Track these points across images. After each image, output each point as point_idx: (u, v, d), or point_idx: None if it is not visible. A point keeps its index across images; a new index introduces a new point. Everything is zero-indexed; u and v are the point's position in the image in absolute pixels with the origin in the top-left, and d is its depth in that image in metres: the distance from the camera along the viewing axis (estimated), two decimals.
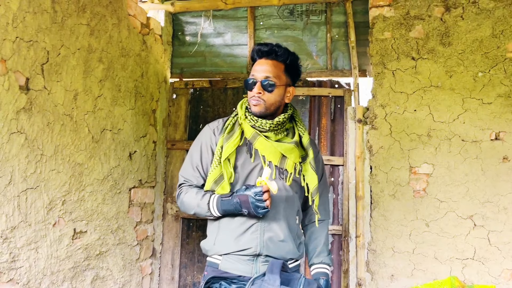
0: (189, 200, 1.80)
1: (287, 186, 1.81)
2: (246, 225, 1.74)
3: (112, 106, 2.91)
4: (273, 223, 1.76)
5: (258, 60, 1.81)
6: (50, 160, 2.30)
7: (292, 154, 1.80)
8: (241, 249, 1.72)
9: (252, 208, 1.64)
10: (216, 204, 1.73)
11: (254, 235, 1.73)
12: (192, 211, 1.80)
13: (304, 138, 1.87)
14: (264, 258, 1.73)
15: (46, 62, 2.30)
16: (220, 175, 1.75)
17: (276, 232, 1.76)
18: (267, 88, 1.75)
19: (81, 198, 2.55)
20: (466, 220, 2.94)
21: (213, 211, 1.73)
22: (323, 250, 1.96)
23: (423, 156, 3.05)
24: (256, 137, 1.78)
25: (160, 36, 3.67)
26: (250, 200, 1.64)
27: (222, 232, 1.77)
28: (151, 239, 3.44)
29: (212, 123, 1.91)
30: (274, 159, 1.79)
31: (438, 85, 3.05)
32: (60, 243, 2.36)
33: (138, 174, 3.22)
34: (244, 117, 1.81)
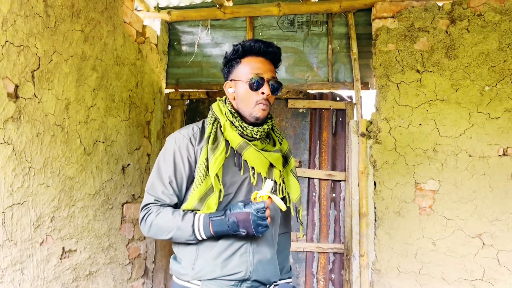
0: (163, 222, 1.49)
1: None
2: (234, 247, 1.50)
3: (106, 116, 2.77)
4: (262, 243, 1.56)
5: (257, 58, 1.59)
6: (38, 173, 2.14)
7: (279, 163, 1.65)
8: (228, 273, 1.49)
9: (253, 228, 1.41)
10: (204, 225, 1.46)
11: (243, 258, 1.51)
12: (167, 235, 1.50)
13: (284, 144, 1.74)
14: (250, 283, 1.52)
15: (37, 68, 2.15)
16: (205, 192, 1.50)
17: (265, 253, 1.56)
18: (276, 89, 1.59)
19: (71, 214, 2.38)
20: (474, 239, 2.83)
21: (198, 234, 1.46)
22: (287, 264, 1.81)
23: (429, 172, 2.94)
24: (245, 147, 1.56)
25: (155, 45, 3.54)
26: (252, 219, 1.40)
27: (202, 254, 1.51)
28: (143, 257, 3.26)
29: (184, 130, 1.61)
30: (263, 170, 1.60)
31: (443, 99, 2.97)
32: (47, 263, 2.18)
33: (131, 189, 3.06)
34: (231, 124, 1.59)
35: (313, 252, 3.28)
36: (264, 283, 1.56)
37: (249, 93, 1.56)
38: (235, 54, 1.61)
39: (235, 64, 1.62)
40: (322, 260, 3.27)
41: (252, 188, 1.57)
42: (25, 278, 2.03)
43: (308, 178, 3.34)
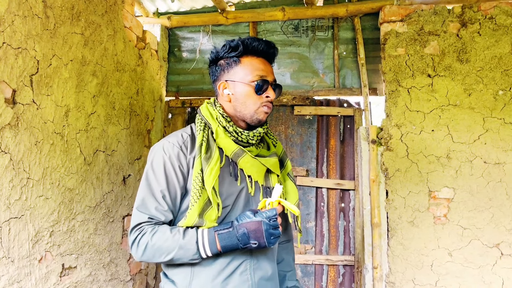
0: (161, 243, 1.32)
1: None
2: (233, 264, 1.38)
3: (106, 125, 2.63)
4: (262, 258, 1.44)
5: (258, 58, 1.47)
6: (37, 184, 1.99)
7: (276, 168, 1.54)
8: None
9: (265, 238, 1.28)
10: (209, 240, 1.31)
11: (244, 277, 1.38)
12: (166, 257, 1.33)
13: (278, 147, 1.64)
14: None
15: (36, 73, 2.01)
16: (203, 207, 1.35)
17: (266, 269, 1.44)
18: (279, 93, 1.52)
19: (71, 229, 2.23)
20: (492, 248, 2.72)
21: (203, 251, 1.31)
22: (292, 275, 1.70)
23: (443, 180, 2.84)
24: (240, 155, 1.43)
25: (156, 52, 3.42)
26: (264, 228, 1.28)
27: (199, 275, 1.37)
28: (144, 273, 3.10)
29: (173, 138, 1.43)
30: (259, 178, 1.47)
31: (456, 104, 2.88)
32: (46, 281, 2.02)
33: (132, 201, 2.90)
34: (224, 130, 1.45)
35: (322, 264, 3.14)
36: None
37: (252, 96, 1.43)
38: (232, 52, 1.45)
39: (232, 63, 1.46)
40: (331, 273, 3.14)
41: (250, 199, 1.44)
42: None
43: (316, 188, 3.21)
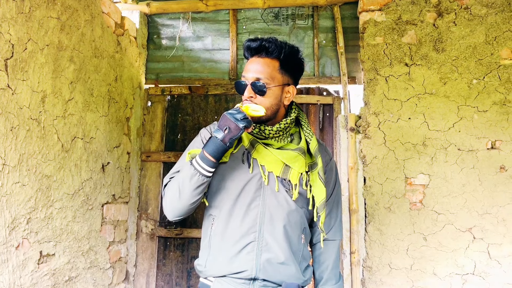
0: (172, 183, 1.51)
1: (290, 200, 1.53)
2: (241, 244, 1.47)
3: (84, 111, 2.60)
4: (272, 242, 1.48)
5: (249, 59, 1.55)
6: (13, 171, 1.96)
7: (296, 163, 1.54)
8: (235, 272, 1.46)
9: (231, 119, 1.39)
10: (199, 155, 1.44)
11: (249, 256, 1.46)
12: (176, 192, 1.47)
13: (312, 143, 1.60)
14: (261, 282, 1.46)
15: (11, 57, 1.97)
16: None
17: (276, 253, 1.48)
18: (259, 91, 1.50)
19: (48, 216, 2.21)
20: (465, 233, 2.81)
21: (196, 164, 1.43)
22: (330, 277, 1.66)
23: (419, 166, 2.91)
24: (254, 145, 1.54)
25: (135, 38, 3.38)
26: (227, 116, 1.40)
27: (213, 251, 1.51)
28: (124, 260, 3.09)
29: (209, 126, 1.67)
30: (275, 169, 1.52)
31: (432, 92, 2.95)
32: (24, 268, 2.00)
33: (111, 189, 2.89)
34: None
35: None
36: (280, 284, 1.48)
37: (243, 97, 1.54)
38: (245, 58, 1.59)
39: None
40: None
41: (263, 187, 1.50)
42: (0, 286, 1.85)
43: None
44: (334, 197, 1.72)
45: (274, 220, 1.49)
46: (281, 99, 1.55)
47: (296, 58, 1.58)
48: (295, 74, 1.60)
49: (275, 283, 1.47)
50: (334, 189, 1.73)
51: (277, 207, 1.49)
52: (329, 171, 1.69)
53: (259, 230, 1.47)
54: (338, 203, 1.75)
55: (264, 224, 1.48)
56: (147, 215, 3.33)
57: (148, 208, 3.35)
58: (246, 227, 1.48)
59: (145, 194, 3.38)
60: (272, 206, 1.50)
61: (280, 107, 1.56)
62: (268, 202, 1.50)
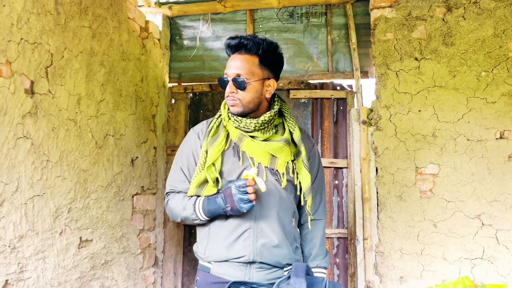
0: (175, 206, 1.68)
1: (280, 187, 1.68)
2: (237, 232, 1.62)
3: (114, 111, 2.84)
4: (266, 228, 1.64)
5: (231, 55, 1.67)
6: (55, 166, 2.22)
7: (282, 153, 1.67)
8: (233, 257, 1.62)
9: (235, 202, 1.52)
10: (202, 204, 1.61)
11: (246, 242, 1.62)
12: (179, 218, 1.68)
13: (295, 133, 1.72)
14: (258, 265, 1.63)
15: (50, 65, 2.22)
16: (204, 180, 1.63)
17: (270, 238, 1.64)
18: (239, 86, 1.61)
19: (86, 206, 2.47)
20: (473, 219, 2.93)
21: (198, 213, 1.61)
22: (318, 253, 1.83)
23: (429, 157, 3.04)
24: (242, 139, 1.65)
25: (158, 40, 3.61)
26: (233, 192, 1.52)
27: (212, 239, 1.67)
28: (153, 247, 3.36)
29: (197, 126, 1.78)
30: (263, 160, 1.66)
31: (442, 85, 3.06)
32: (66, 252, 2.27)
33: (140, 181, 3.14)
34: (228, 118, 1.68)
35: None
36: (275, 265, 1.64)
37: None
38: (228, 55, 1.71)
39: None
40: (327, 245, 3.38)
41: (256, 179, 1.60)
42: (47, 267, 2.12)
43: None
44: (318, 180, 1.86)
45: (267, 208, 1.64)
46: (262, 92, 1.65)
47: (274, 54, 1.68)
48: (274, 69, 1.71)
49: (270, 264, 1.63)
50: (318, 173, 1.86)
51: (269, 195, 1.64)
52: (312, 156, 1.83)
53: (254, 217, 1.62)
54: (322, 186, 1.89)
55: (258, 211, 1.63)
56: None
57: None
58: (242, 216, 1.61)
59: None
60: (265, 195, 1.63)
61: (262, 100, 1.67)
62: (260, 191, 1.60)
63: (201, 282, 1.66)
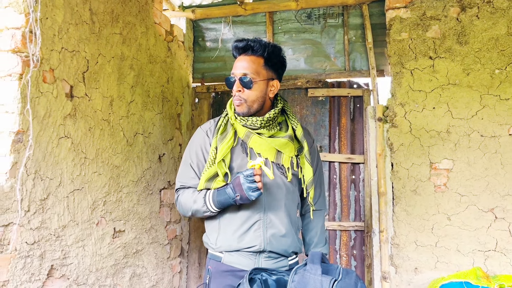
0: (185, 200, 1.78)
1: (285, 181, 1.81)
2: (248, 223, 1.74)
3: (143, 111, 3.04)
4: (274, 219, 1.77)
5: (237, 57, 1.79)
6: (92, 163, 2.43)
7: (286, 149, 1.81)
8: (245, 247, 1.73)
9: (244, 190, 1.62)
10: (212, 196, 1.71)
11: (257, 233, 1.74)
12: (189, 212, 1.78)
13: (298, 130, 1.86)
14: (267, 254, 1.76)
15: (86, 70, 2.43)
16: (214, 174, 1.74)
17: (278, 228, 1.77)
18: (246, 85, 1.72)
19: (119, 199, 2.68)
20: (487, 213, 3.03)
21: (209, 205, 1.71)
22: (319, 240, 2.00)
23: (443, 152, 3.14)
24: (249, 136, 1.78)
25: (182, 43, 3.80)
26: (242, 181, 1.62)
27: (223, 232, 1.77)
28: (179, 238, 3.56)
29: (204, 125, 1.91)
30: (270, 155, 1.79)
31: (456, 83, 3.15)
32: (102, 241, 2.49)
33: (167, 176, 3.34)
34: (235, 117, 1.81)
35: (336, 230, 3.53)
36: (282, 254, 1.79)
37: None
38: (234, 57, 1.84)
39: None
40: (344, 238, 3.52)
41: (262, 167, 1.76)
42: (86, 254, 2.34)
43: (329, 162, 3.57)
44: (318, 174, 2.01)
45: (275, 200, 1.78)
46: (266, 92, 1.79)
47: (279, 56, 1.81)
48: (278, 70, 1.84)
49: (278, 253, 1.78)
50: (317, 166, 2.02)
51: (277, 188, 1.78)
52: (313, 152, 1.98)
53: (263, 210, 1.76)
54: (321, 179, 2.06)
55: (267, 204, 1.77)
56: None
57: None
58: (252, 208, 1.74)
59: None
60: (273, 188, 1.78)
61: (266, 99, 1.81)
62: (269, 185, 1.77)
63: (213, 271, 1.77)
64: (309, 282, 1.79)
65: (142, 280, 2.92)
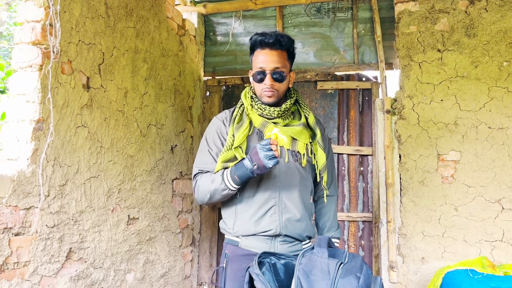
0: (203, 182, 1.82)
1: (300, 167, 1.89)
2: (264, 208, 1.81)
3: (156, 103, 3.13)
4: (289, 204, 1.84)
5: (262, 51, 1.82)
6: (107, 152, 2.52)
7: (301, 136, 1.89)
8: (261, 231, 1.80)
9: (261, 158, 1.66)
10: (230, 173, 1.75)
11: (273, 218, 1.81)
12: (207, 194, 1.81)
13: (310, 118, 1.95)
14: (283, 237, 1.83)
15: (102, 62, 2.52)
16: (231, 157, 1.80)
17: (293, 213, 1.84)
18: (279, 79, 1.81)
19: (133, 187, 2.77)
20: (494, 204, 3.06)
21: (227, 181, 1.75)
22: (332, 225, 2.07)
23: (451, 144, 3.18)
24: (265, 125, 1.86)
25: (194, 37, 3.88)
26: (258, 150, 1.67)
27: (240, 217, 1.84)
28: (191, 227, 3.65)
29: (220, 114, 1.99)
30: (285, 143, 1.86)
31: (464, 75, 3.19)
32: (117, 227, 2.58)
33: (179, 167, 3.43)
34: (251, 107, 1.88)
35: (344, 221, 3.58)
36: (297, 238, 1.86)
37: (256, 84, 1.86)
38: (250, 48, 1.90)
39: (251, 56, 1.91)
40: (352, 228, 3.58)
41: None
42: (102, 239, 2.43)
43: (338, 154, 3.63)
44: (329, 160, 2.08)
45: (290, 186, 1.85)
46: (288, 83, 1.90)
47: (294, 49, 1.92)
48: (292, 62, 1.94)
49: (293, 237, 1.85)
50: (329, 153, 2.09)
51: (292, 175, 1.86)
52: (324, 139, 2.06)
53: (279, 195, 1.83)
54: (332, 166, 2.14)
55: (282, 190, 1.84)
56: None
57: None
58: (268, 194, 1.82)
59: None
60: (288, 174, 1.85)
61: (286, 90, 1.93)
62: (283, 171, 1.85)
63: (230, 255, 1.85)
64: (316, 264, 1.85)
65: (155, 267, 3.01)
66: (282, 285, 1.92)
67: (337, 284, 1.80)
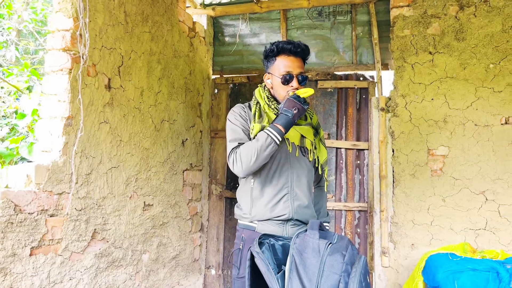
0: (246, 147, 2.00)
1: (307, 161, 2.21)
2: (278, 196, 2.09)
3: (168, 100, 3.42)
4: (299, 193, 2.13)
5: (288, 57, 2.12)
6: (126, 145, 2.83)
7: (309, 134, 2.22)
8: (276, 216, 2.08)
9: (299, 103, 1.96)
10: (272, 127, 1.96)
11: (286, 204, 2.09)
12: (253, 154, 1.96)
13: (314, 119, 2.31)
14: (293, 222, 2.13)
15: (121, 65, 2.81)
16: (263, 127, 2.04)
17: (302, 200, 2.14)
18: (302, 82, 2.14)
19: (148, 177, 3.08)
20: (478, 195, 3.32)
21: (272, 135, 1.95)
22: (324, 212, 2.42)
23: (440, 140, 3.44)
24: None
25: (203, 38, 4.16)
26: (293, 100, 1.97)
27: (256, 204, 2.11)
28: (200, 215, 3.96)
29: (239, 104, 2.24)
30: (295, 140, 2.17)
31: (453, 76, 3.43)
32: (134, 212, 2.89)
33: (189, 159, 3.73)
34: (268, 106, 2.14)
35: (341, 210, 3.87)
36: (304, 222, 2.17)
37: (281, 86, 2.14)
38: (271, 52, 2.18)
39: (271, 60, 2.19)
40: (349, 217, 3.86)
41: (288, 153, 2.15)
42: (121, 222, 2.74)
43: (336, 148, 3.90)
44: None
45: (300, 177, 2.15)
46: None
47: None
48: None
49: (301, 221, 2.16)
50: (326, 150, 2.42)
51: (301, 168, 2.16)
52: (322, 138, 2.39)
53: (290, 185, 2.14)
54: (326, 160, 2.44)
55: (293, 180, 2.14)
56: (216, 180, 4.17)
57: (217, 175, 4.19)
58: (281, 183, 2.13)
59: (214, 164, 4.22)
60: (298, 168, 2.16)
61: None
62: (294, 165, 2.15)
63: (247, 239, 2.12)
64: (308, 244, 2.13)
65: (167, 249, 3.32)
66: (280, 263, 2.21)
67: (326, 260, 2.08)
